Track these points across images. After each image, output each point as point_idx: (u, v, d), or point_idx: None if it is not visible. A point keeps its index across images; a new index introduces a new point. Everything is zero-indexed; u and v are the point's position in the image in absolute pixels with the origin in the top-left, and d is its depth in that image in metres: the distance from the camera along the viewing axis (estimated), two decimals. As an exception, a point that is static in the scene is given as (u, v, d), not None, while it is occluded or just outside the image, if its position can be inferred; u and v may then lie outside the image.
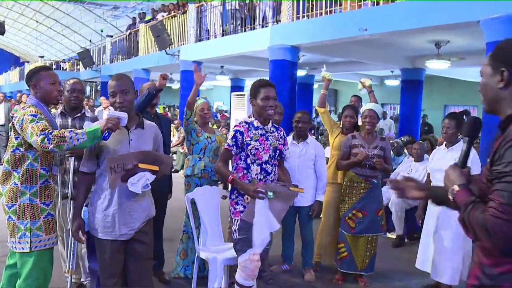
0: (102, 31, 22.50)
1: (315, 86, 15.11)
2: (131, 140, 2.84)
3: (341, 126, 4.76)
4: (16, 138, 2.87)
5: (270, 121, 3.31)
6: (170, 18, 13.11)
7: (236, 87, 16.73)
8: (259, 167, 3.17)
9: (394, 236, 5.82)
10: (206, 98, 4.31)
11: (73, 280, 3.52)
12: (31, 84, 3.00)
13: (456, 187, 1.64)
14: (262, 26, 9.70)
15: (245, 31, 10.33)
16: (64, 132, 2.64)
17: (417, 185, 1.89)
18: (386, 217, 5.70)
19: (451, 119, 4.01)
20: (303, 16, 8.47)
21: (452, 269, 3.86)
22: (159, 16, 13.95)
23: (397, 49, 9.53)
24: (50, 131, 2.66)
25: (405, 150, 7.24)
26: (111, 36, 18.30)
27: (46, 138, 2.62)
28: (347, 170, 4.29)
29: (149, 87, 3.98)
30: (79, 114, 3.67)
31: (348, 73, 13.86)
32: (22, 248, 2.85)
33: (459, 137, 4.02)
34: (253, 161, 3.15)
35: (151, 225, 3.03)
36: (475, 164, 3.75)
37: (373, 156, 4.14)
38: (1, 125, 10.89)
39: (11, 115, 10.91)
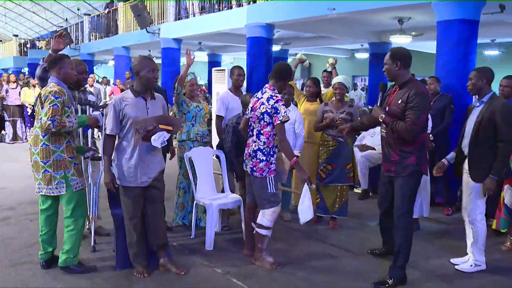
0: (78, 9, 22.58)
1: (289, 60, 15.89)
2: (148, 108, 3.66)
3: (306, 95, 5.65)
4: (43, 108, 3.61)
5: None
6: (150, -3, 13.62)
7: (214, 62, 17.39)
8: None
9: (360, 191, 6.77)
10: (194, 74, 5.06)
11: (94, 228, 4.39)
12: (56, 68, 3.74)
13: (383, 115, 3.62)
14: (239, 5, 10.39)
15: (221, 9, 10.99)
16: (66, 121, 3.56)
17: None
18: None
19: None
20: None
21: (416, 205, 4.63)
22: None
23: (364, 25, 10.36)
24: (56, 118, 3.50)
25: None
26: (89, 15, 18.58)
27: (52, 124, 3.48)
28: (321, 131, 5.16)
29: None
30: (82, 88, 4.53)
31: (320, 47, 14.68)
32: (59, 191, 3.66)
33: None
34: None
35: (163, 175, 3.86)
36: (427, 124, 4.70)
37: (339, 119, 5.00)
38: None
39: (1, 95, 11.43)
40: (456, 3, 6.11)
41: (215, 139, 5.30)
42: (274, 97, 3.82)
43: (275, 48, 13.27)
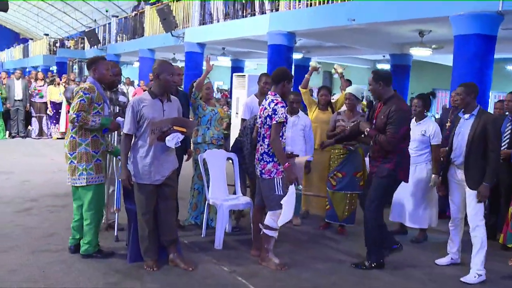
0: (107, 11, 23.16)
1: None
2: (164, 110, 3.85)
3: (317, 102, 5.79)
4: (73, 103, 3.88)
5: None
6: (175, 1, 13.92)
7: (236, 67, 17.64)
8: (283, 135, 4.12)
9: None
10: (209, 79, 5.25)
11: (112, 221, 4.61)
12: (92, 68, 4.03)
13: (367, 129, 4.14)
14: (262, 13, 10.58)
15: (245, 16, 11.21)
16: (90, 119, 3.85)
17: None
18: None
19: (419, 99, 5.04)
20: (299, 5, 9.36)
21: (423, 216, 5.01)
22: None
23: (385, 37, 10.45)
24: (81, 114, 3.80)
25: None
26: (117, 16, 19.07)
27: (76, 118, 3.79)
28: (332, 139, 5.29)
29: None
30: (114, 89, 4.78)
31: (342, 56, 14.76)
32: (81, 182, 3.91)
33: (425, 113, 5.05)
34: (283, 131, 4.07)
35: (176, 174, 4.05)
36: (438, 136, 4.96)
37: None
38: (19, 100, 11.78)
39: (30, 91, 11.86)
40: (473, 17, 6.18)
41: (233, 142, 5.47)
42: (274, 101, 4.01)
43: (297, 56, 13.44)
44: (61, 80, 12.80)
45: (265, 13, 10.38)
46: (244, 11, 11.36)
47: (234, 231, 5.08)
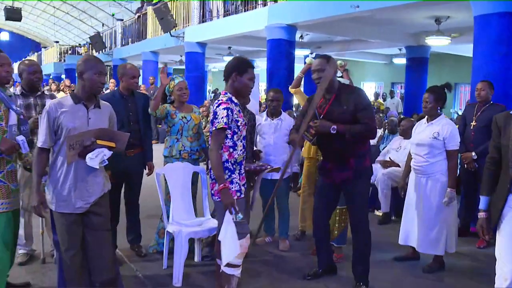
0: (113, 15, 22.58)
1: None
2: (89, 118, 2.96)
3: None
4: None
5: None
6: (175, 0, 13.10)
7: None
8: (241, 143, 3.17)
9: (380, 214, 5.80)
10: (183, 77, 4.33)
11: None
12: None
13: (334, 126, 3.33)
14: (264, 5, 9.62)
15: (246, 10, 10.27)
16: None
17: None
18: (372, 194, 5.75)
19: (430, 93, 4.01)
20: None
21: (437, 240, 3.97)
22: (166, -1, 13.95)
23: (398, 26, 9.35)
24: None
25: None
26: (122, 20, 18.43)
27: None
28: None
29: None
30: (39, 93, 3.86)
31: (356, 51, 13.73)
32: None
33: (438, 110, 4.03)
34: (238, 138, 3.13)
35: (107, 199, 3.13)
36: (455, 138, 3.94)
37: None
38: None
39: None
40: (496, -7, 5.09)
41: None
42: (218, 102, 3.09)
43: (305, 52, 12.45)
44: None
45: (266, 5, 9.42)
46: (246, 7, 10.40)
47: (205, 260, 4.15)
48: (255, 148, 4.45)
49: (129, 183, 4.21)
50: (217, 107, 3.06)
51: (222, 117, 3.00)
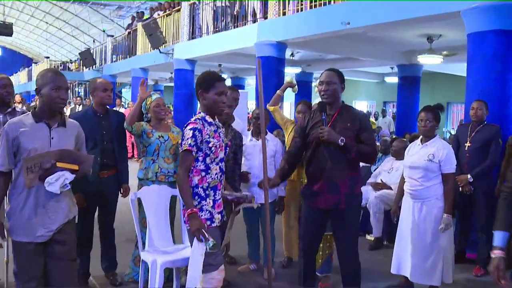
0: (104, 31, 22.44)
1: (314, 83, 14.83)
2: (52, 138, 2.70)
3: (295, 121, 4.55)
4: None
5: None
6: (164, 16, 12.94)
7: (237, 86, 16.51)
8: (217, 166, 2.91)
9: (372, 239, 5.52)
10: (160, 94, 4.08)
11: None
12: None
13: (343, 138, 3.12)
14: (254, 22, 9.44)
15: (236, 27, 10.08)
16: None
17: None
18: (364, 218, 5.49)
19: (427, 112, 3.80)
20: (288, 10, 8.19)
21: (433, 270, 3.70)
22: (156, 15, 13.80)
23: (389, 44, 9.20)
24: None
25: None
26: (112, 36, 18.25)
27: None
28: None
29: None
30: (9, 110, 3.61)
31: (346, 70, 13.48)
32: None
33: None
34: (212, 160, 2.86)
35: (73, 225, 2.85)
36: (451, 161, 3.72)
37: None
38: None
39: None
40: (490, 10, 4.90)
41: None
42: (189, 122, 2.88)
43: (295, 70, 12.31)
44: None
45: (256, 22, 9.23)
46: (236, 23, 10.21)
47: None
48: (242, 170, 4.18)
49: (103, 206, 3.94)
50: (185, 127, 2.84)
51: (188, 138, 2.77)
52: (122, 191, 3.96)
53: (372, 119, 14.32)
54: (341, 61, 11.94)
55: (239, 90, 4.62)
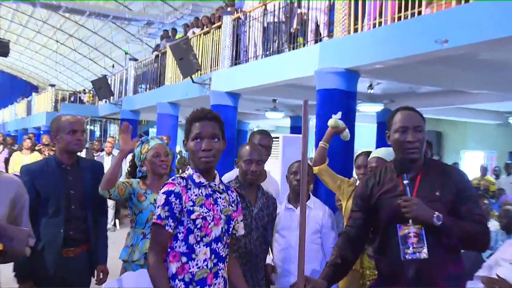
0: (126, 53, 23.40)
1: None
2: None
3: (356, 181, 4.50)
4: None
5: (217, 175, 2.97)
6: (200, 35, 13.26)
7: (297, 127, 16.58)
8: (208, 248, 2.75)
9: None
10: (162, 139, 4.03)
11: None
12: None
13: (440, 215, 2.78)
14: (316, 42, 9.44)
15: (293, 48, 10.11)
16: None
17: None
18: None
19: None
20: (369, 26, 8.09)
21: None
22: (190, 33, 14.19)
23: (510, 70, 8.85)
24: None
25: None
26: (136, 60, 18.88)
27: None
28: None
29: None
30: None
31: (450, 107, 13.31)
32: None
33: None
34: (199, 239, 2.72)
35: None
36: None
37: None
38: None
39: None
40: None
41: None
42: (166, 182, 2.85)
43: (376, 108, 12.11)
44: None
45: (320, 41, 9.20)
46: (293, 44, 10.26)
47: None
48: (267, 262, 4.01)
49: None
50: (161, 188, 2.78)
51: (158, 207, 2.68)
52: (96, 276, 3.88)
53: (490, 177, 13.81)
54: (441, 95, 11.88)
55: (296, 135, 4.56)
